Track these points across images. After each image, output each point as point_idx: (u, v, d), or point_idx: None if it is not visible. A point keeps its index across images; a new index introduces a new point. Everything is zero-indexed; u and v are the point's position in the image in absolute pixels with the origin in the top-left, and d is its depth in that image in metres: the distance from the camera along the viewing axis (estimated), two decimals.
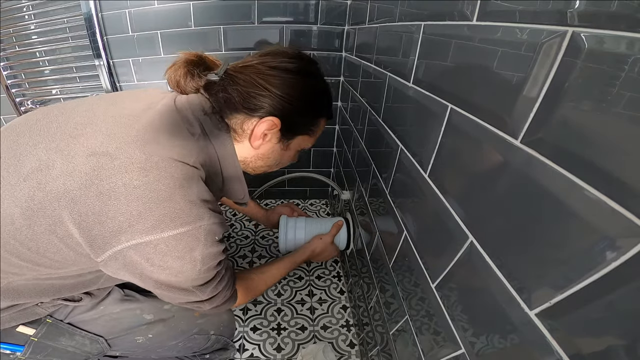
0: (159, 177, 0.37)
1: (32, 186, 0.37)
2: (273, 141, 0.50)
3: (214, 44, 0.97)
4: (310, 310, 0.90)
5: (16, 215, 0.37)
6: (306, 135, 0.54)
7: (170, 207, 0.37)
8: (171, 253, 0.38)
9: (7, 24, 1.01)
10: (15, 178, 0.38)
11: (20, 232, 0.37)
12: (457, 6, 0.32)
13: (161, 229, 0.37)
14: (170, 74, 0.47)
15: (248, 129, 0.48)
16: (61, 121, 0.42)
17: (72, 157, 0.37)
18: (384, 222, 0.56)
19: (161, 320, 0.57)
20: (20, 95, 1.12)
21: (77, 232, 0.37)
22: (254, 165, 0.54)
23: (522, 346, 0.23)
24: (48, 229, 0.37)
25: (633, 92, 0.16)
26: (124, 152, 0.38)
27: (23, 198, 0.37)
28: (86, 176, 0.36)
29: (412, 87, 0.42)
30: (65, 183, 0.36)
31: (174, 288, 0.43)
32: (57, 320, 0.50)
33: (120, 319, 0.55)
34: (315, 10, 0.93)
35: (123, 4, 0.93)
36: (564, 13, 0.20)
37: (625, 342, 0.17)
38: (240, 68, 0.48)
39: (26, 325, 0.48)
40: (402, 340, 0.48)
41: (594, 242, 0.18)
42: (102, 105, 0.45)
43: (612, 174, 0.17)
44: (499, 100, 0.26)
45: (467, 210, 0.30)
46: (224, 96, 0.47)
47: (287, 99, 0.46)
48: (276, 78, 0.46)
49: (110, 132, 0.40)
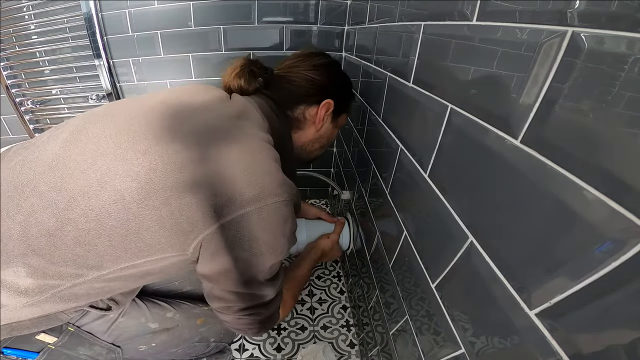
0: (262, 150, 0.44)
1: (154, 159, 0.39)
2: (329, 120, 0.61)
3: (214, 44, 0.97)
4: (310, 310, 0.90)
5: (133, 189, 0.38)
6: (345, 114, 0.65)
7: (272, 177, 0.41)
8: (271, 220, 0.40)
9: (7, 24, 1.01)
10: (132, 153, 0.39)
11: (129, 209, 0.38)
12: (457, 6, 0.32)
13: (265, 197, 0.39)
14: (231, 79, 0.54)
15: (310, 114, 0.57)
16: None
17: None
18: (384, 222, 0.56)
19: (165, 330, 0.57)
20: (20, 95, 1.12)
21: (192, 201, 0.37)
22: (311, 148, 0.63)
23: (522, 346, 0.23)
24: (162, 202, 0.37)
25: (633, 92, 0.16)
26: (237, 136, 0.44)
27: (143, 172, 0.38)
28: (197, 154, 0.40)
29: (412, 87, 0.42)
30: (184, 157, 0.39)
31: (256, 276, 0.43)
32: (78, 328, 0.49)
33: (126, 327, 0.54)
34: (315, 10, 0.93)
35: (123, 4, 0.93)
36: (564, 13, 0.20)
37: (625, 342, 0.17)
38: (287, 69, 0.58)
39: (47, 332, 0.46)
40: (402, 340, 0.48)
41: (593, 242, 0.18)
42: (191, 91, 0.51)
43: (612, 174, 0.17)
44: (499, 100, 0.26)
45: (467, 211, 0.30)
46: (284, 93, 0.56)
47: (332, 85, 0.59)
48: (320, 70, 0.57)
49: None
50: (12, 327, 0.42)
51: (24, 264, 0.38)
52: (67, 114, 1.15)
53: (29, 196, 0.39)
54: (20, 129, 1.18)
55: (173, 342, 0.59)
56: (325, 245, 0.80)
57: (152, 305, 0.57)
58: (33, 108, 1.13)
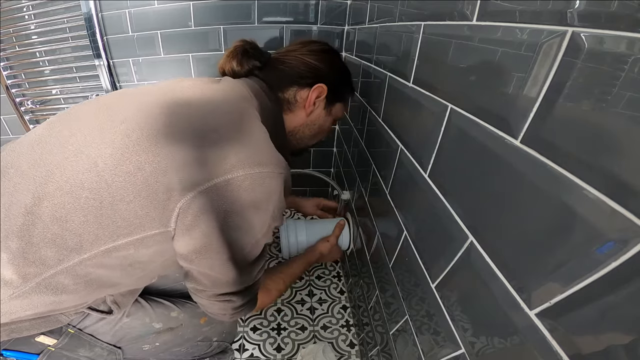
0: (250, 120, 0.44)
1: (130, 125, 0.38)
2: (321, 107, 0.59)
3: (213, 44, 0.97)
4: (310, 310, 0.90)
5: (107, 155, 0.37)
6: (341, 103, 0.63)
7: (261, 146, 0.41)
8: (255, 190, 0.39)
9: (7, 24, 1.01)
10: (109, 122, 0.40)
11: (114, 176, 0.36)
12: (457, 6, 0.32)
13: (251, 164, 0.38)
14: (225, 61, 0.56)
15: (301, 97, 0.56)
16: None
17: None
18: (384, 222, 0.56)
19: (169, 329, 0.57)
20: (20, 95, 1.12)
21: (168, 165, 0.36)
22: (302, 134, 0.61)
23: (522, 346, 0.23)
24: (136, 167, 0.36)
25: (633, 92, 0.16)
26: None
27: (118, 139, 0.38)
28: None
29: (412, 87, 0.42)
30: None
31: (233, 257, 0.41)
32: (79, 330, 0.49)
33: (131, 328, 0.54)
34: (315, 10, 0.93)
35: (123, 4, 0.93)
36: (564, 13, 0.20)
37: (625, 342, 0.17)
38: (284, 53, 0.58)
39: (47, 334, 0.46)
40: (402, 340, 0.48)
41: (593, 242, 0.18)
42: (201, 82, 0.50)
43: (612, 174, 0.17)
44: (498, 100, 0.26)
45: (467, 210, 0.30)
46: (278, 74, 0.55)
47: (328, 70, 0.57)
48: (317, 55, 0.57)
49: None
50: (12, 328, 0.41)
51: (5, 248, 0.36)
52: None
53: (13, 176, 0.38)
54: (20, 129, 1.18)
55: (176, 341, 0.59)
56: (324, 248, 0.82)
57: (156, 304, 0.57)
58: (33, 108, 1.13)
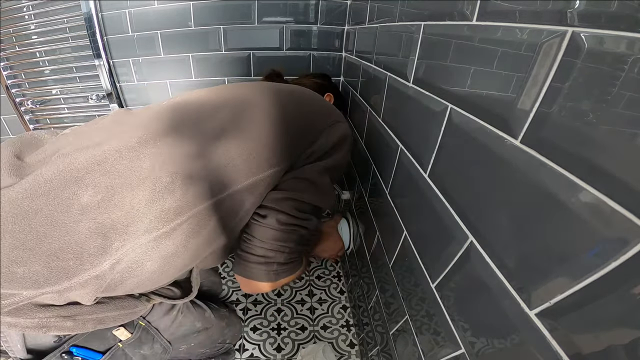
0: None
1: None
2: None
3: (214, 44, 0.97)
4: (310, 310, 0.90)
5: None
6: (344, 111, 0.81)
7: (332, 108, 0.57)
8: (338, 136, 0.52)
9: (7, 24, 1.01)
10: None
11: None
12: (457, 6, 0.32)
13: (334, 115, 0.54)
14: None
15: None
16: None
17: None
18: (384, 222, 0.56)
19: (205, 329, 0.59)
20: (20, 95, 1.12)
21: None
22: None
23: (522, 346, 0.23)
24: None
25: (633, 92, 0.16)
26: None
27: None
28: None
29: (412, 87, 0.42)
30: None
31: (323, 183, 0.50)
32: (149, 323, 0.49)
33: (182, 325, 0.54)
34: (315, 10, 0.93)
35: (123, 4, 0.93)
36: (564, 13, 0.20)
37: (625, 342, 0.17)
38: (297, 79, 0.80)
39: (126, 327, 0.46)
40: (402, 340, 0.48)
41: (593, 241, 0.18)
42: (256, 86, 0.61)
43: (612, 174, 0.17)
44: (499, 100, 0.26)
45: (467, 210, 0.30)
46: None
47: (331, 86, 0.80)
48: (322, 78, 0.81)
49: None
50: (99, 318, 0.41)
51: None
52: (67, 114, 1.15)
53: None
54: (20, 129, 1.18)
55: (206, 342, 0.60)
56: (325, 226, 0.78)
57: (195, 305, 0.59)
58: (33, 108, 1.13)
